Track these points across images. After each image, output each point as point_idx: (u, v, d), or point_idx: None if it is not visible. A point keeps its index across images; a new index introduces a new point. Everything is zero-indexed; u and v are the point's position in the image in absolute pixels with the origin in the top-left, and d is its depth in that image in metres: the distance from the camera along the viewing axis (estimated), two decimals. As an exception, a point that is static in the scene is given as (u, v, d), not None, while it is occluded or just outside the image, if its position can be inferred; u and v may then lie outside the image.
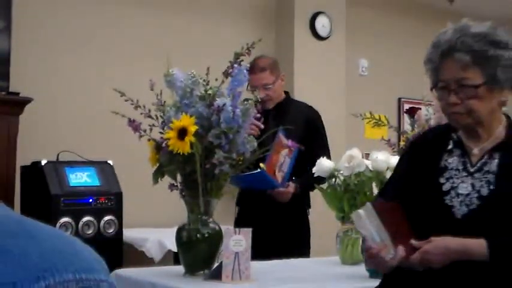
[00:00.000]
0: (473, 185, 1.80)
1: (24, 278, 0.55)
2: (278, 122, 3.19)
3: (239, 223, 3.21)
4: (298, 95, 4.40)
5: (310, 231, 3.50)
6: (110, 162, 3.99)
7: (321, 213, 3.34)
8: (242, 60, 2.31)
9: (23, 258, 0.56)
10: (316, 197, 3.20)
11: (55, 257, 0.58)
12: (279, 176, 3.02)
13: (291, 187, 3.19)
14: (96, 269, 0.62)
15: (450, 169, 1.85)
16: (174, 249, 3.02)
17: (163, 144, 2.27)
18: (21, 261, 0.56)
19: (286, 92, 3.53)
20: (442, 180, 1.84)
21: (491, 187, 1.78)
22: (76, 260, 0.60)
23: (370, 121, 2.87)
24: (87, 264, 0.61)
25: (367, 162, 2.56)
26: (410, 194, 1.87)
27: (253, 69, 3.28)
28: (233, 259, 2.20)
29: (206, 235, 2.31)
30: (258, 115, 2.41)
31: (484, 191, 1.78)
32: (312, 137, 3.35)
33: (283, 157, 2.98)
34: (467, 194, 1.79)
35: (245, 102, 2.35)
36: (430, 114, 2.92)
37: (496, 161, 1.81)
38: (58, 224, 3.63)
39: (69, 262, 0.59)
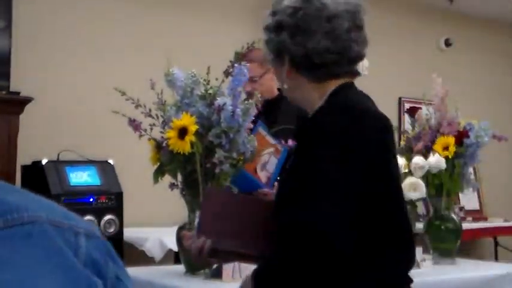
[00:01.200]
0: None
1: None
2: (268, 119, 3.13)
3: None
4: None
5: None
6: (111, 161, 4.00)
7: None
8: (243, 60, 2.31)
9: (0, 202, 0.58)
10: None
11: (31, 202, 0.60)
12: (263, 176, 2.82)
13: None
14: (74, 218, 0.62)
15: None
16: (175, 248, 3.02)
17: (164, 144, 2.27)
18: None
19: (279, 90, 3.46)
20: None
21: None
22: (55, 209, 0.61)
23: (370, 120, 2.87)
24: (65, 214, 0.61)
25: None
26: None
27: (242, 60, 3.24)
28: (233, 258, 2.20)
29: (207, 234, 2.32)
30: None
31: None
32: None
33: (267, 155, 2.82)
34: None
35: (245, 101, 2.35)
36: (431, 114, 2.93)
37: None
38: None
39: (45, 207, 0.60)
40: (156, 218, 4.44)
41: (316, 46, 1.58)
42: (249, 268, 2.21)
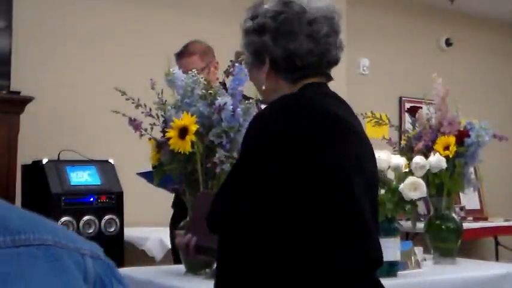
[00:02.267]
0: None
1: (5, 233, 0.57)
2: None
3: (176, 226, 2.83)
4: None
5: None
6: (111, 161, 4.00)
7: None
8: (243, 59, 2.31)
9: (3, 220, 0.58)
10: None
11: (36, 225, 0.60)
12: None
13: None
14: (79, 240, 0.62)
15: None
16: (175, 248, 3.01)
17: (164, 144, 2.27)
18: (2, 222, 0.58)
19: (221, 83, 3.35)
20: None
21: None
22: (59, 231, 0.62)
23: (371, 120, 2.87)
24: (70, 236, 0.62)
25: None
26: None
27: (182, 54, 3.19)
28: (234, 258, 2.20)
29: (207, 234, 2.31)
30: None
31: None
32: None
33: None
34: None
35: (246, 101, 2.35)
36: (431, 113, 2.92)
37: None
38: (59, 223, 3.63)
39: (50, 230, 0.61)
40: (157, 218, 4.44)
41: (298, 48, 1.62)
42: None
